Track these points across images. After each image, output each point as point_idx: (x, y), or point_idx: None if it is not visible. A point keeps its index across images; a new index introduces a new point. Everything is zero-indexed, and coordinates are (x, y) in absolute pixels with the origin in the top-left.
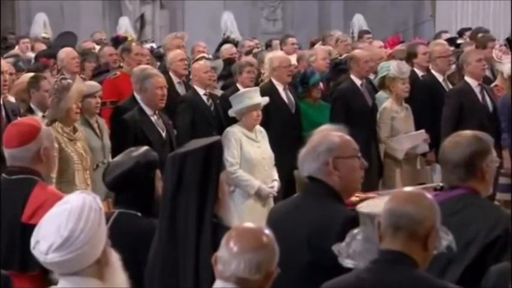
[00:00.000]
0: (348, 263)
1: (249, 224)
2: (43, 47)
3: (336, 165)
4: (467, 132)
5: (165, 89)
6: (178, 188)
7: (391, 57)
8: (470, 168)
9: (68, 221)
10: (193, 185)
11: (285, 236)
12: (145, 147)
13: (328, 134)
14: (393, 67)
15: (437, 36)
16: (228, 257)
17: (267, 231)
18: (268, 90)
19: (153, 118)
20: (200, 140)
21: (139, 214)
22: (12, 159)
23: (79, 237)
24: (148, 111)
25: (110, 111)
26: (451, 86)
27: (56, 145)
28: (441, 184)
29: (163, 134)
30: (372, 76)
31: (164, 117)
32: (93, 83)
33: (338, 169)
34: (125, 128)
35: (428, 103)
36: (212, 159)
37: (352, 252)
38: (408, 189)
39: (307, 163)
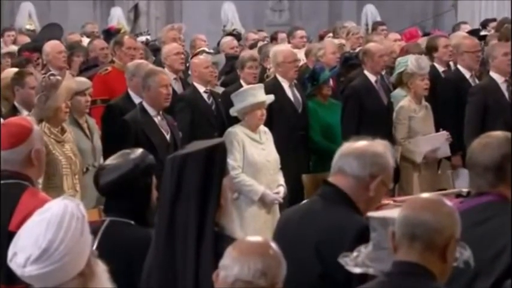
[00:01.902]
0: (356, 270)
1: (254, 237)
2: (26, 39)
3: (378, 186)
4: (498, 133)
5: (170, 88)
6: (177, 194)
7: (404, 51)
8: (501, 173)
9: (46, 230)
10: (193, 189)
11: (294, 245)
12: (140, 150)
13: (389, 153)
14: (411, 62)
15: (456, 28)
16: (231, 262)
17: (274, 245)
18: (273, 87)
19: (157, 119)
20: (203, 142)
21: (132, 222)
22: (1, 163)
23: (58, 248)
24: (152, 111)
25: (100, 110)
26: None
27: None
28: (464, 190)
29: (168, 137)
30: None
31: (168, 118)
32: (82, 79)
33: (375, 189)
34: (126, 129)
35: (453, 102)
36: (215, 163)
37: (361, 261)
38: (425, 195)
39: (354, 160)
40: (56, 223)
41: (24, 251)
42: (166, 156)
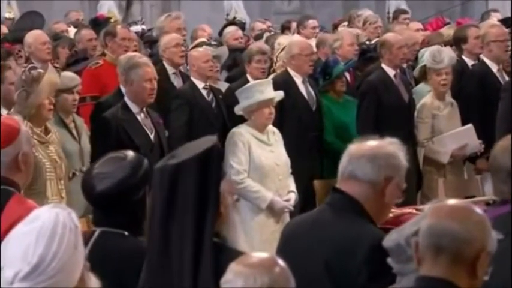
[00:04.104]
0: None
1: (258, 253)
2: (5, 29)
3: (392, 190)
4: None
5: (155, 82)
6: (170, 208)
7: (425, 43)
8: None
9: (37, 243)
10: (189, 202)
11: (302, 259)
12: (132, 153)
13: (401, 153)
14: (426, 55)
15: (486, 16)
16: (234, 276)
17: (281, 261)
18: (284, 82)
19: (140, 117)
20: (194, 144)
21: (125, 233)
22: None
23: (51, 264)
24: (134, 108)
25: (90, 108)
26: (507, 78)
27: None
28: (494, 198)
29: (152, 136)
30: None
31: (153, 116)
32: (70, 74)
33: (390, 194)
34: (105, 128)
35: (478, 98)
36: (210, 169)
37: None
38: (452, 202)
39: (366, 164)
40: (47, 235)
41: (12, 265)
42: (151, 159)
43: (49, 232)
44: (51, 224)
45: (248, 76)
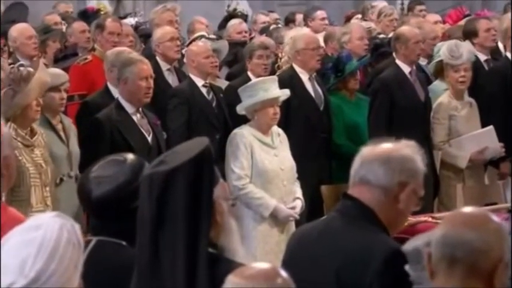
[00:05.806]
0: None
1: (259, 263)
2: None
3: (408, 196)
4: None
5: (151, 80)
6: (160, 217)
7: (446, 37)
8: None
9: (37, 256)
10: (180, 211)
11: (310, 270)
12: (132, 155)
13: (418, 156)
14: (442, 50)
15: (508, 8)
16: (232, 285)
17: (283, 273)
18: (290, 80)
19: (136, 117)
20: (184, 147)
21: (123, 243)
22: None
23: (48, 282)
24: (129, 108)
25: (78, 107)
26: None
27: None
28: None
29: (149, 138)
30: (423, 62)
31: (150, 116)
32: (57, 71)
33: (405, 200)
34: (99, 130)
35: (500, 97)
36: (203, 174)
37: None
38: (468, 209)
39: (379, 168)
40: (48, 249)
41: (6, 274)
42: (148, 161)
43: (52, 246)
44: (53, 236)
45: (249, 73)
